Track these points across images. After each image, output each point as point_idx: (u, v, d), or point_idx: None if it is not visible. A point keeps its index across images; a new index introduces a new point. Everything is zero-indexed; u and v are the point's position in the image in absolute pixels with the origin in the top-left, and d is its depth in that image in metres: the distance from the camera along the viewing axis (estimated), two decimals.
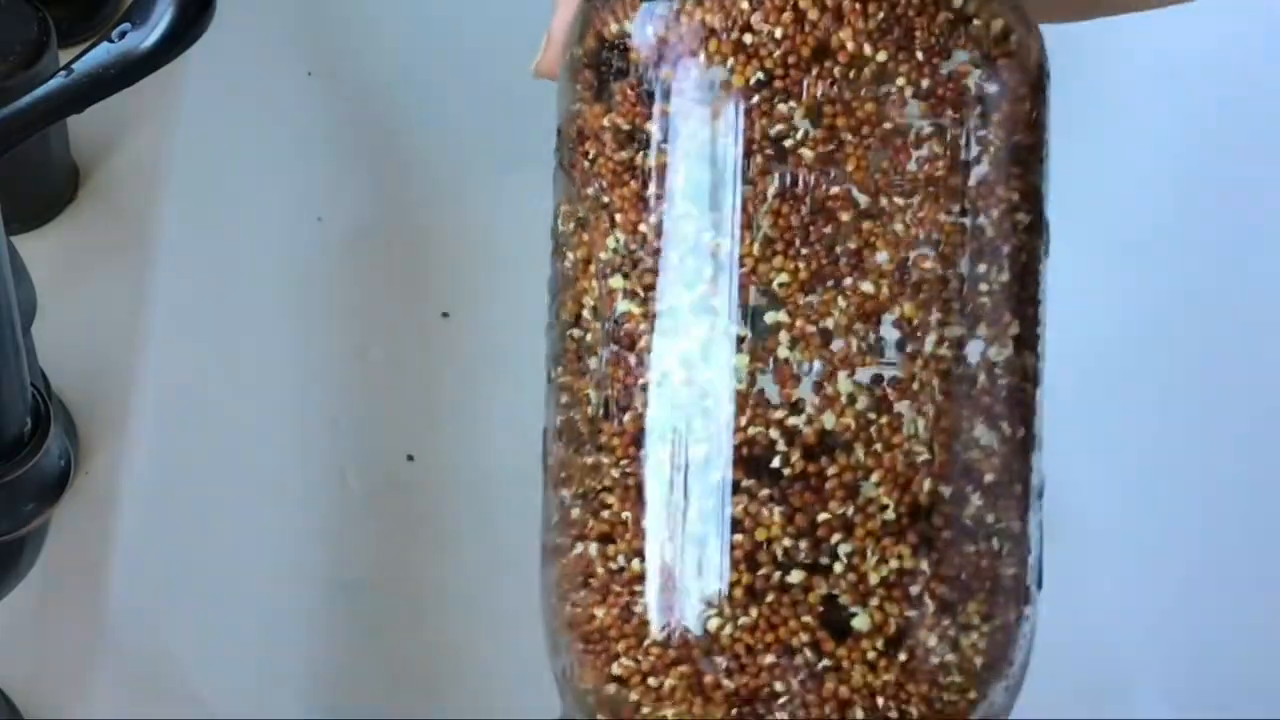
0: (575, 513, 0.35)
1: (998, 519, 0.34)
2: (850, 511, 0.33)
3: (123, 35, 0.40)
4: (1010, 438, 0.35)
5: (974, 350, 0.34)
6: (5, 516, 0.49)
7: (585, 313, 0.35)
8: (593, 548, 0.35)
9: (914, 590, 0.33)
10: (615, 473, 0.34)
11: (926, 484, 0.33)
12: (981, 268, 0.34)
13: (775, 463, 0.33)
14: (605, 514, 0.35)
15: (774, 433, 0.33)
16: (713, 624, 0.33)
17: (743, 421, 0.33)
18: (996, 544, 0.34)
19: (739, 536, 0.33)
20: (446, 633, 0.71)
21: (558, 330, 0.36)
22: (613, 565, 0.35)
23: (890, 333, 0.33)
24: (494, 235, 0.79)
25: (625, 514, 0.34)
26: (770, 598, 0.33)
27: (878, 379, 0.33)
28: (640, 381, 0.34)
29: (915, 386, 0.33)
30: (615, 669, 0.34)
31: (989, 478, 0.34)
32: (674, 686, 0.34)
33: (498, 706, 0.70)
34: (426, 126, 0.79)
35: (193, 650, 0.61)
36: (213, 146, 0.69)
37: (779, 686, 0.33)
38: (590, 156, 0.35)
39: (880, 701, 0.33)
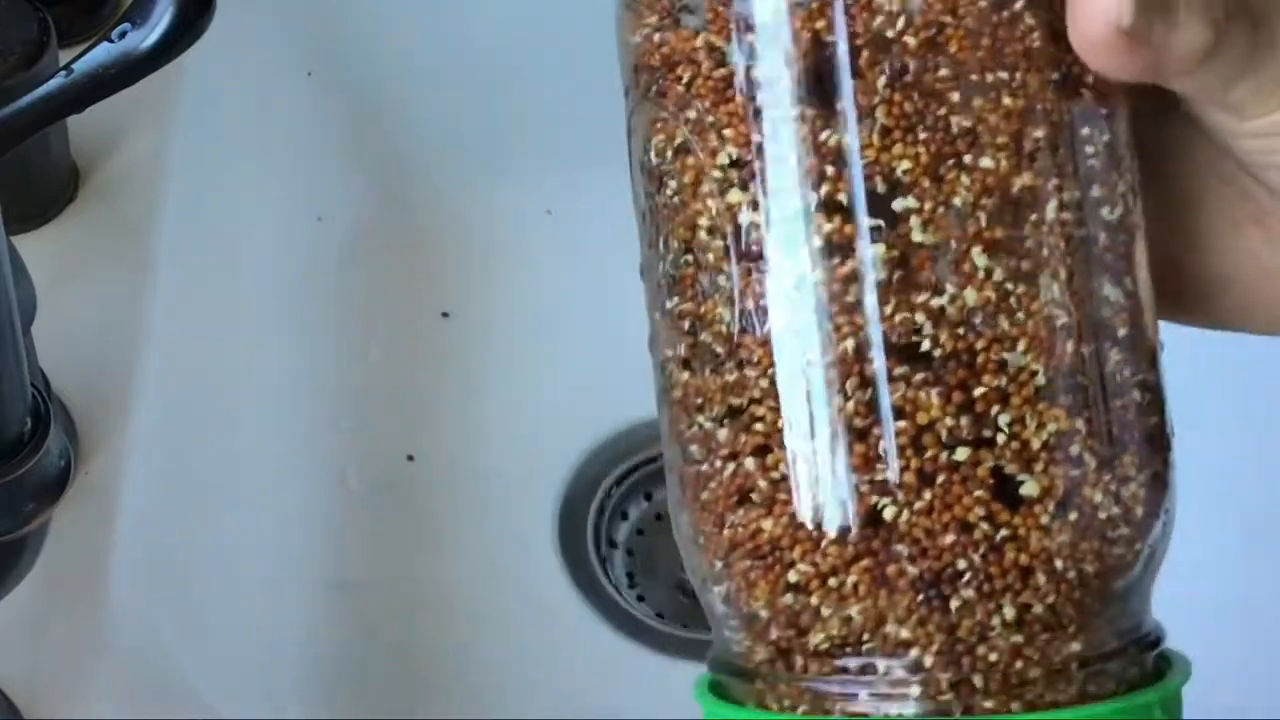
0: (722, 433, 0.35)
1: (1135, 372, 0.35)
2: (1004, 382, 0.34)
3: (123, 35, 0.40)
4: (1134, 292, 0.35)
5: (1090, 211, 0.35)
6: (5, 516, 0.49)
7: (702, 234, 0.35)
8: (749, 462, 0.35)
9: (1074, 450, 0.34)
10: (764, 383, 0.34)
11: (1069, 345, 0.34)
12: (1085, 130, 0.35)
13: (925, 345, 0.33)
14: (758, 426, 0.34)
15: (920, 316, 0.33)
16: (889, 513, 0.33)
17: (888, 310, 0.33)
18: (1138, 395, 0.35)
19: (902, 423, 0.33)
20: (446, 633, 0.71)
21: (668, 260, 0.36)
22: (775, 475, 0.34)
23: (1015, 203, 0.34)
24: (494, 235, 0.79)
25: (780, 422, 0.34)
26: (941, 478, 0.33)
27: (1009, 250, 0.34)
28: (777, 289, 0.34)
29: (1045, 253, 0.34)
30: (792, 576, 0.34)
31: (1122, 332, 0.35)
32: (856, 583, 0.34)
33: (498, 706, 0.70)
34: (426, 126, 0.79)
35: (193, 650, 0.61)
36: (213, 146, 0.69)
37: (961, 564, 0.33)
38: (686, 80, 0.35)
39: (1059, 564, 0.34)
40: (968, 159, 0.34)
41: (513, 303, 0.78)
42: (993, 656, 0.34)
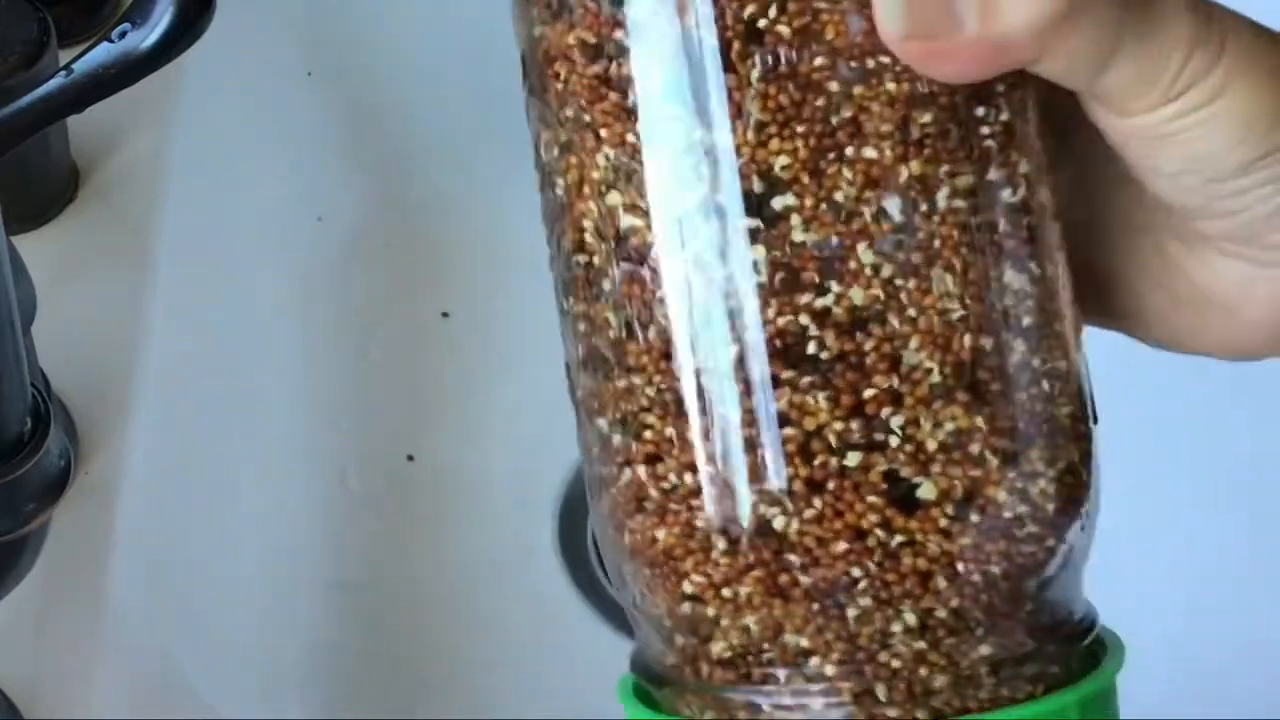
0: (616, 439, 0.34)
1: (1044, 361, 0.34)
2: (896, 382, 0.32)
3: (123, 35, 0.40)
4: (1041, 277, 0.34)
5: (987, 196, 0.33)
6: (5, 516, 0.49)
7: (588, 237, 0.34)
8: (641, 470, 0.34)
9: (974, 449, 0.32)
10: (650, 391, 0.33)
11: (967, 339, 0.33)
12: (980, 110, 0.33)
13: (811, 349, 0.32)
14: (648, 434, 0.33)
15: (804, 319, 0.32)
16: (779, 523, 0.32)
17: (770, 314, 0.32)
18: (1047, 386, 0.34)
19: (789, 430, 0.32)
20: (446, 633, 0.71)
21: (561, 261, 0.35)
22: (665, 485, 0.33)
23: (902, 194, 0.32)
24: (494, 235, 0.79)
25: (668, 430, 0.33)
26: (832, 485, 0.32)
27: (898, 244, 0.32)
28: (658, 294, 0.33)
29: (936, 244, 0.32)
30: (687, 588, 0.33)
31: (1027, 321, 0.33)
32: (750, 594, 0.33)
33: (498, 706, 0.70)
34: (426, 126, 0.79)
35: (193, 650, 0.61)
36: (213, 146, 0.69)
37: (856, 572, 0.32)
38: (562, 77, 0.35)
39: (961, 567, 0.33)
40: (850, 151, 0.32)
41: (513, 303, 0.78)
42: (895, 664, 0.33)
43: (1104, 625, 0.37)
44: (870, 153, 0.32)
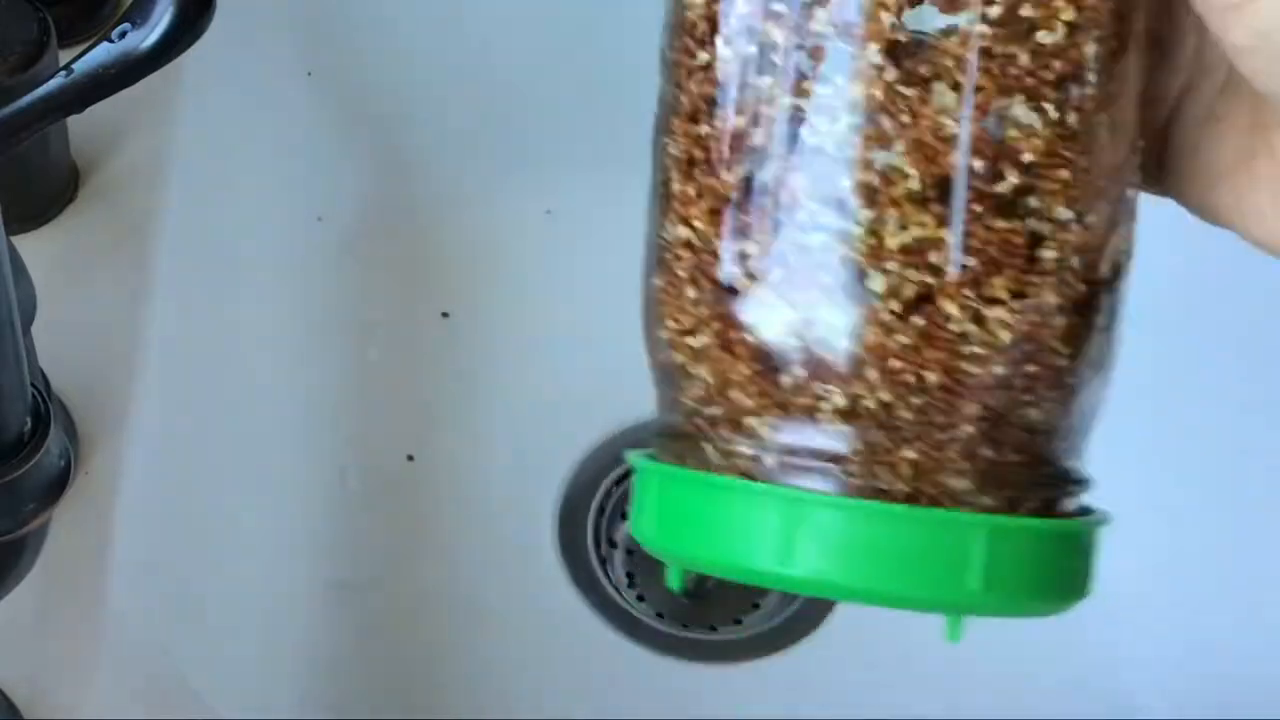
0: (678, 197, 0.37)
1: (1039, 202, 0.34)
2: (874, 179, 0.34)
3: (123, 35, 0.40)
4: (1056, 121, 0.34)
5: (1016, 29, 0.34)
6: (5, 516, 0.49)
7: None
8: (679, 230, 0.36)
9: (933, 258, 0.34)
10: (676, 153, 0.36)
11: (953, 158, 0.34)
12: None
13: (803, 133, 0.34)
14: (673, 189, 0.36)
15: (802, 101, 0.34)
16: (741, 284, 0.34)
17: (780, 91, 0.34)
18: (1038, 226, 0.34)
19: (765, 200, 0.34)
20: (446, 633, 0.71)
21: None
22: (666, 236, 0.36)
23: (931, 6, 0.34)
24: (494, 235, 0.79)
25: (680, 187, 0.36)
26: (793, 258, 0.34)
27: (911, 53, 0.33)
28: (702, 59, 0.36)
29: (949, 62, 0.33)
30: (662, 332, 0.36)
31: (1027, 157, 0.34)
32: (707, 344, 0.35)
33: (498, 707, 0.70)
34: (426, 126, 0.79)
35: (193, 650, 0.61)
36: (213, 146, 0.69)
37: (793, 342, 0.34)
38: None
39: (895, 363, 0.34)
40: None
41: (513, 303, 0.78)
42: (818, 440, 0.34)
43: (1095, 513, 0.38)
44: None
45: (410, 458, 0.74)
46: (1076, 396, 0.36)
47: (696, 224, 0.35)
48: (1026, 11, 0.34)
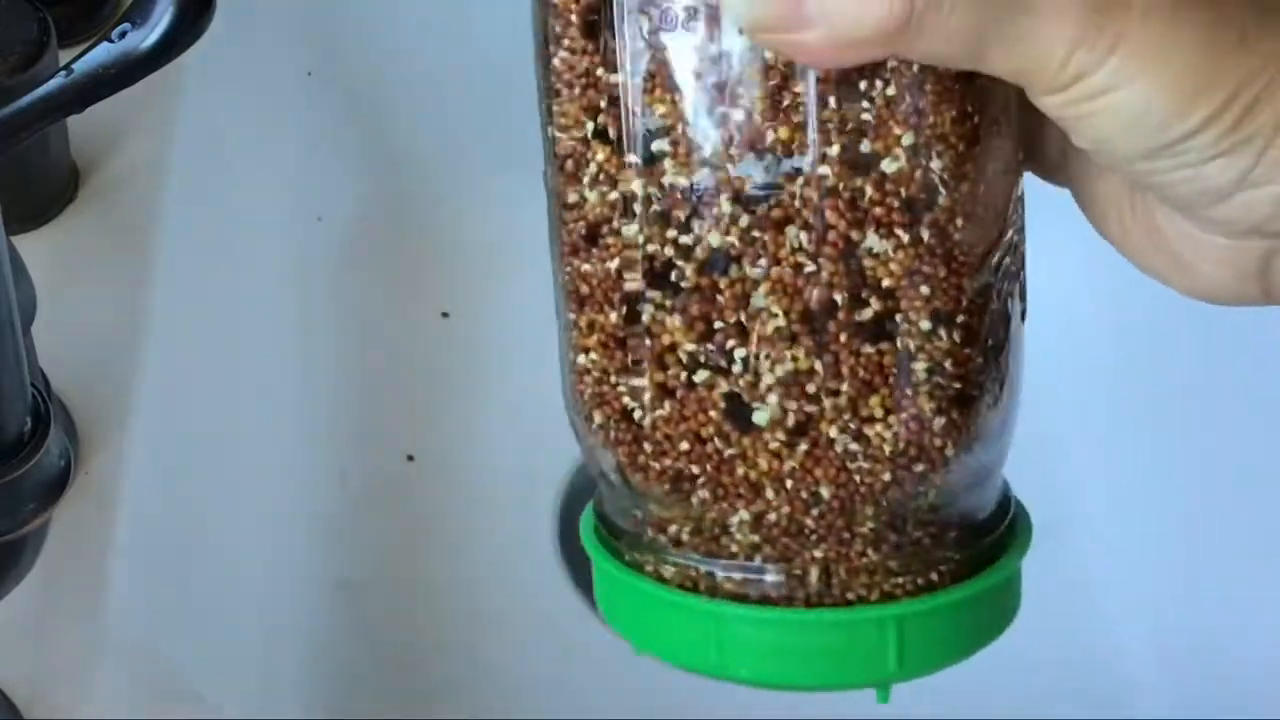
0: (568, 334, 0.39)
1: (904, 320, 0.36)
2: (744, 319, 0.36)
3: (123, 35, 0.40)
4: (911, 243, 0.36)
5: (859, 164, 0.35)
6: (5, 516, 0.49)
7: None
8: (566, 351, 0.39)
9: (810, 388, 0.36)
10: (566, 283, 0.38)
11: (815, 293, 0.36)
12: (862, 85, 0.35)
13: (673, 276, 0.36)
14: (569, 319, 0.38)
15: (669, 250, 0.36)
16: (637, 415, 0.37)
17: (642, 239, 0.36)
18: (902, 344, 0.36)
19: (649, 341, 0.37)
20: (446, 633, 0.71)
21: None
22: (571, 357, 0.39)
23: (766, 153, 0.35)
24: (494, 235, 0.79)
25: (574, 318, 0.38)
26: (680, 393, 0.36)
27: (760, 199, 0.35)
28: (572, 199, 0.37)
29: (798, 204, 0.35)
30: (580, 452, 0.40)
31: (886, 283, 0.36)
32: (618, 463, 0.38)
33: (498, 706, 0.70)
34: (426, 126, 0.80)
35: (193, 650, 0.61)
36: (213, 146, 0.69)
37: (695, 469, 0.37)
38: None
39: (789, 484, 0.36)
40: (720, 110, 0.35)
41: (513, 303, 0.78)
42: (733, 548, 0.37)
43: (1015, 538, 0.40)
44: (738, 115, 0.35)
45: (410, 458, 0.74)
46: (971, 469, 0.38)
47: (593, 355, 0.38)
48: (866, 147, 0.35)
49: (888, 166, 0.35)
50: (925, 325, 0.36)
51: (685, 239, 0.36)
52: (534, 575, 0.72)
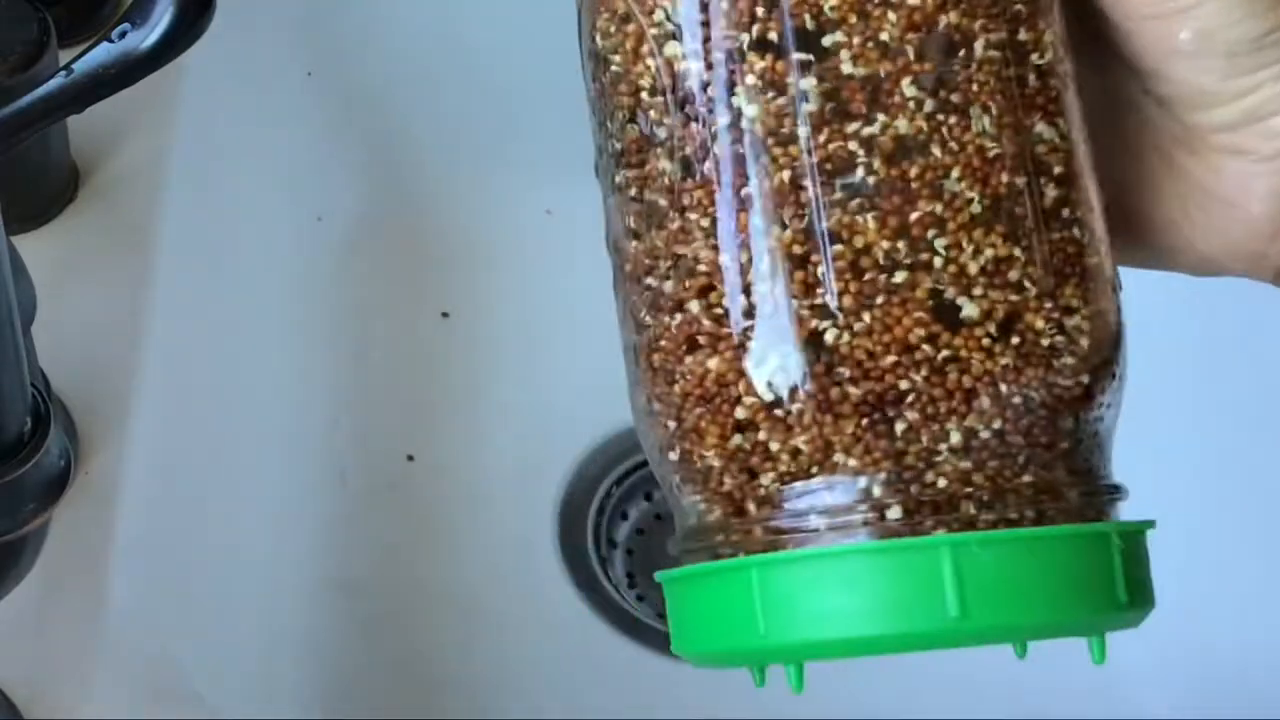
0: (668, 286, 0.36)
1: (1073, 211, 0.36)
2: (939, 208, 0.34)
3: (123, 35, 0.40)
4: (1068, 135, 0.36)
5: (1017, 54, 0.36)
6: (5, 516, 0.49)
7: (644, 95, 0.37)
8: (694, 305, 0.36)
9: (1013, 276, 0.35)
10: (705, 222, 0.35)
11: (1004, 176, 0.35)
12: None
13: (859, 173, 0.34)
14: (701, 268, 0.36)
15: (853, 144, 0.34)
16: (830, 336, 0.34)
17: (821, 139, 0.35)
18: (1078, 233, 0.36)
19: (838, 247, 0.34)
20: (446, 633, 0.71)
21: (615, 135, 0.38)
22: (718, 311, 0.35)
23: (941, 38, 0.35)
24: (494, 235, 0.79)
25: (723, 258, 0.35)
26: (880, 300, 0.34)
27: (938, 82, 0.35)
28: (713, 128, 0.35)
29: (974, 88, 0.35)
30: (740, 412, 0.35)
31: (1058, 170, 0.36)
32: (801, 410, 0.34)
33: (497, 707, 0.70)
34: (426, 126, 0.80)
35: (193, 650, 0.61)
36: (213, 146, 0.69)
37: (904, 385, 0.34)
38: None
39: (1004, 387, 0.34)
40: None
41: (513, 303, 0.78)
42: (940, 483, 0.34)
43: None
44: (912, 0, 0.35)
45: (410, 458, 0.74)
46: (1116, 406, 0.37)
47: (764, 286, 0.35)
48: (1022, 36, 0.36)
49: (1036, 59, 0.36)
50: (1090, 219, 0.36)
51: (869, 130, 0.35)
52: (534, 575, 0.72)
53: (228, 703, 0.61)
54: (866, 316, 0.34)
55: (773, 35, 0.35)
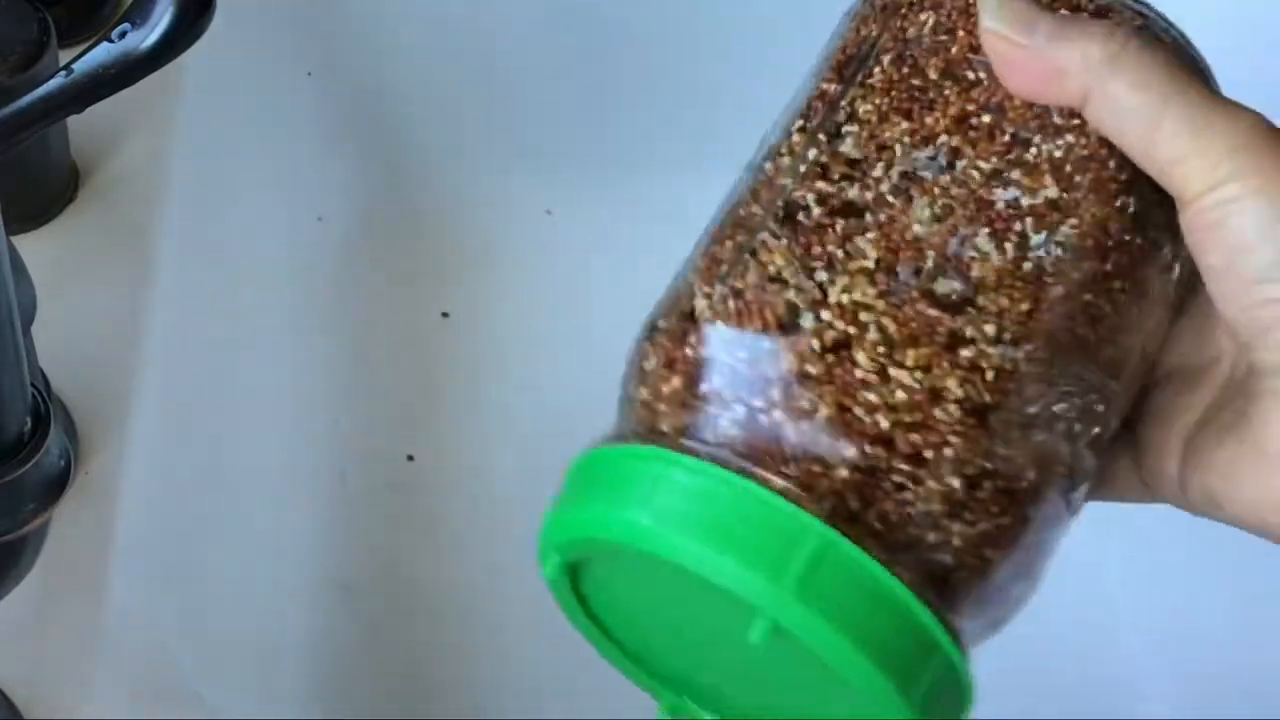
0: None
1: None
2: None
3: (123, 35, 0.40)
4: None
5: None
6: (5, 516, 0.49)
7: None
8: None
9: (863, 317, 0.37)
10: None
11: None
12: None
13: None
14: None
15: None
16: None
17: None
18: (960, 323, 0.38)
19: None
20: (446, 633, 0.71)
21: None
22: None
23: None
24: (494, 235, 0.79)
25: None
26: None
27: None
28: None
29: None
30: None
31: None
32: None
33: (498, 706, 0.70)
34: (426, 126, 0.80)
35: (193, 650, 0.61)
36: (213, 146, 0.69)
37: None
38: None
39: (797, 389, 0.36)
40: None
41: (513, 303, 0.78)
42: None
43: None
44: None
45: (410, 458, 0.74)
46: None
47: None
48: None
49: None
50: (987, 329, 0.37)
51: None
52: (534, 575, 0.72)
53: (228, 703, 0.61)
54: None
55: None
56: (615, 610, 0.40)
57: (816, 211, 0.37)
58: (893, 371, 0.36)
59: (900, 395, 0.36)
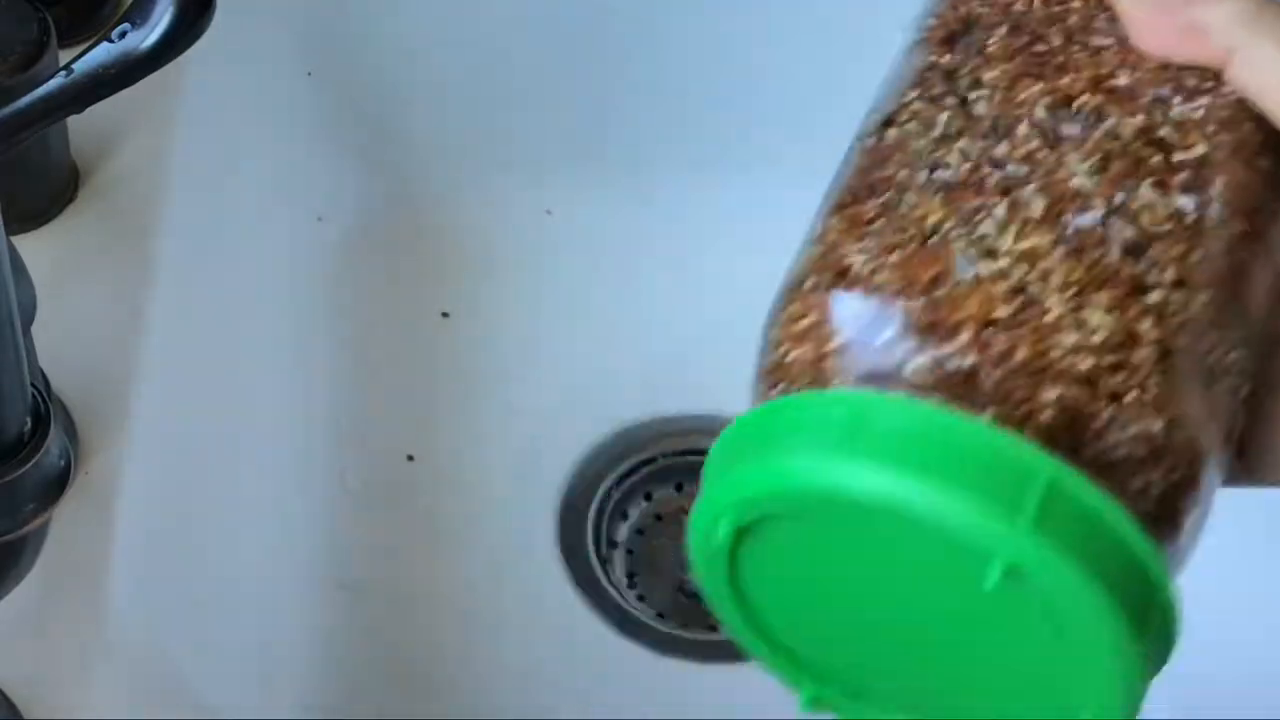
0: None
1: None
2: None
3: (123, 35, 0.40)
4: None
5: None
6: (5, 516, 0.49)
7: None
8: None
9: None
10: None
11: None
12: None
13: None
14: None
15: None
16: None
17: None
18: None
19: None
20: (447, 633, 0.71)
21: None
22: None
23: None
24: (494, 235, 0.79)
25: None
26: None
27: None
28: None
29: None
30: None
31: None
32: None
33: (498, 706, 0.70)
34: (426, 126, 0.80)
35: (193, 650, 0.61)
36: (213, 146, 0.69)
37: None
38: None
39: (990, 331, 0.35)
40: None
41: (513, 303, 0.78)
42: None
43: None
44: None
45: (410, 458, 0.74)
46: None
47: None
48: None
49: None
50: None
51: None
52: (534, 575, 0.72)
53: (228, 703, 0.61)
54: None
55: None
56: (765, 589, 0.37)
57: (965, 168, 0.37)
58: (1086, 314, 0.35)
59: (1098, 337, 0.35)
